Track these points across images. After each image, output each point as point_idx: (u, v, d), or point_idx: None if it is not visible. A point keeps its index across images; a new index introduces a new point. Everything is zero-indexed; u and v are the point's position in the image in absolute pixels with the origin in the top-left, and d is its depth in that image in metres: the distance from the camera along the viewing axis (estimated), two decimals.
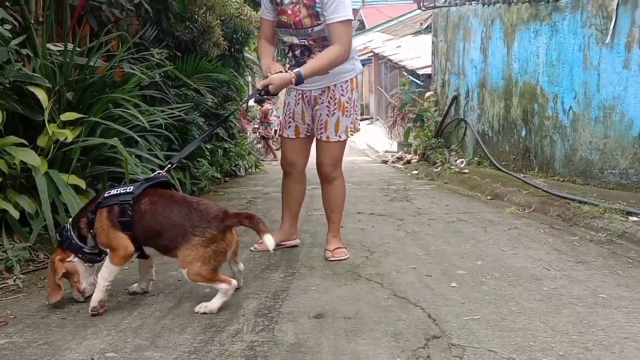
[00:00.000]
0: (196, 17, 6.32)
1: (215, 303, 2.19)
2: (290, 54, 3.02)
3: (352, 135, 3.09)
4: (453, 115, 8.37)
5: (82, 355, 1.81)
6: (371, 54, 19.19)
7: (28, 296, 2.40)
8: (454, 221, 4.07)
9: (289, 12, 2.81)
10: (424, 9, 10.24)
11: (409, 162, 9.60)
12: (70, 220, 2.31)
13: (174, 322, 2.10)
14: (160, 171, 2.56)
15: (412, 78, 11.49)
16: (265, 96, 2.96)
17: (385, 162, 10.71)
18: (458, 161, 7.62)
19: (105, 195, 2.23)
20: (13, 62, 2.98)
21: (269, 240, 2.17)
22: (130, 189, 2.22)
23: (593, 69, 4.79)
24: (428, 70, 10.13)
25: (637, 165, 4.31)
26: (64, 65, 3.25)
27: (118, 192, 2.22)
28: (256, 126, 14.70)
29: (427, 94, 9.36)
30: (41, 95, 3.05)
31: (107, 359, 1.78)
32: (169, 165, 2.57)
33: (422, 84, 10.83)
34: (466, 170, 6.76)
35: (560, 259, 2.95)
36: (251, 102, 13.32)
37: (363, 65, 3.05)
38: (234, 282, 2.23)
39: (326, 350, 1.84)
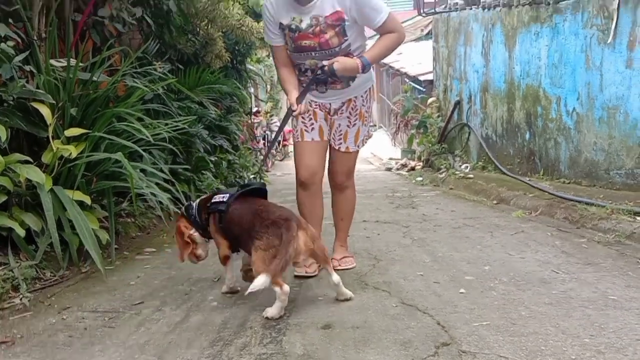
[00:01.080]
0: (198, 29, 6.37)
1: (274, 310, 2.24)
2: (306, 74, 2.80)
3: (366, 144, 3.05)
4: (456, 121, 8.36)
5: None
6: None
7: (35, 315, 2.40)
8: (460, 227, 4.04)
9: (311, 35, 2.64)
10: (424, 15, 10.30)
11: (413, 168, 9.58)
12: (197, 201, 2.65)
13: (181, 336, 2.09)
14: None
15: (414, 84, 11.49)
16: (328, 77, 2.68)
17: (389, 169, 10.69)
18: (462, 166, 7.60)
19: (213, 200, 2.55)
20: (17, 78, 2.99)
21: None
22: (225, 197, 2.50)
23: (595, 70, 4.77)
24: (430, 76, 10.13)
25: None
26: (68, 80, 3.27)
27: (218, 199, 2.52)
28: (261, 137, 14.72)
29: (430, 100, 9.36)
30: (45, 111, 3.06)
31: None
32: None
33: (424, 90, 10.83)
34: (471, 175, 6.74)
35: (569, 262, 2.92)
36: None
37: None
38: (286, 287, 2.22)
39: None
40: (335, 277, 2.39)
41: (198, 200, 2.68)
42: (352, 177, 3.07)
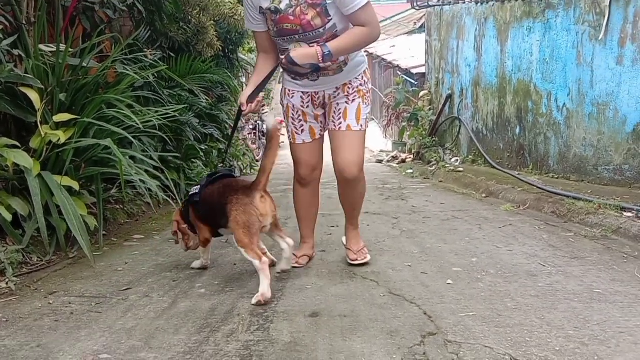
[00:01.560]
0: (190, 17, 6.31)
1: (263, 287, 2.27)
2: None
3: (367, 127, 2.79)
4: (447, 114, 8.38)
5: (76, 357, 1.79)
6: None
7: (21, 299, 2.38)
8: (449, 219, 4.06)
9: (291, 17, 2.49)
10: (417, 8, 10.27)
11: (403, 161, 9.60)
12: (189, 197, 2.72)
13: (169, 322, 2.08)
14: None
15: (406, 77, 11.49)
16: (291, 67, 2.58)
17: (380, 161, 10.72)
18: (453, 159, 7.63)
19: (190, 193, 2.69)
20: (4, 62, 2.96)
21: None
22: (197, 188, 2.64)
23: (587, 66, 4.80)
24: (422, 69, 10.13)
25: (631, 161, 4.32)
26: (57, 66, 3.23)
27: (193, 192, 2.66)
28: (252, 127, 14.67)
29: (422, 93, 9.37)
30: (33, 96, 3.03)
31: None
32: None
33: (416, 83, 10.84)
34: (461, 169, 6.77)
35: (556, 255, 2.95)
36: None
37: None
38: (265, 259, 2.34)
39: (322, 348, 1.83)
40: (289, 241, 2.56)
41: (190, 194, 2.74)
42: (363, 170, 2.78)
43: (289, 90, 2.79)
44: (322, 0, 2.45)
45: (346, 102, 2.71)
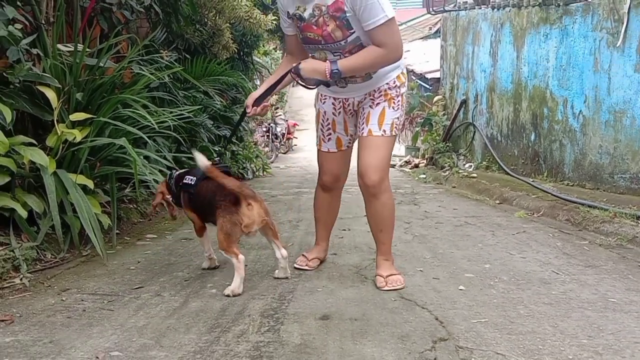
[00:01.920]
0: (206, 20, 6.36)
1: (233, 284, 2.42)
2: None
3: (395, 134, 2.61)
4: (461, 120, 8.34)
5: (87, 354, 1.80)
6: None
7: (34, 295, 2.41)
8: (461, 225, 4.04)
9: (314, 27, 2.42)
10: (433, 12, 10.26)
11: (416, 166, 9.57)
12: (177, 173, 2.80)
13: (180, 322, 2.09)
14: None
15: (420, 82, 11.47)
16: (294, 77, 2.54)
17: (392, 166, 10.69)
18: (466, 165, 7.59)
19: (184, 181, 2.70)
20: (23, 61, 2.99)
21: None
22: (193, 180, 2.66)
23: (604, 73, 4.75)
24: (437, 74, 10.11)
25: None
26: (74, 65, 3.27)
27: (188, 181, 2.68)
28: (265, 129, 14.73)
29: (436, 98, 9.34)
30: (51, 95, 3.07)
31: (112, 358, 1.78)
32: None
33: (430, 88, 10.81)
34: (474, 175, 6.73)
35: (570, 263, 2.92)
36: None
37: None
38: (242, 257, 2.43)
39: (332, 351, 1.82)
40: (283, 252, 2.60)
41: (177, 173, 2.83)
42: (387, 178, 2.60)
43: (322, 96, 2.75)
44: (342, 12, 2.35)
45: (370, 107, 2.60)
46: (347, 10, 2.33)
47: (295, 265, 2.84)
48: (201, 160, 2.46)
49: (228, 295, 2.38)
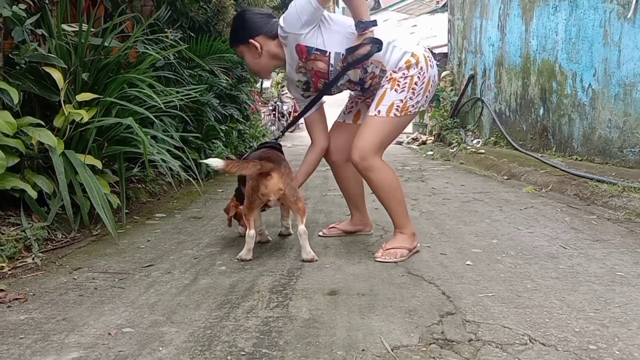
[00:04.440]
0: None
1: (243, 251, 2.60)
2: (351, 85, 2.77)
3: (397, 116, 2.55)
4: (469, 95, 8.27)
5: (100, 330, 1.84)
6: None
7: (46, 274, 2.44)
8: (469, 201, 4.04)
9: (313, 79, 2.68)
10: None
11: (424, 142, 9.53)
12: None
13: (190, 298, 2.12)
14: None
15: None
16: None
17: (400, 143, 10.64)
18: (474, 141, 7.55)
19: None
20: (29, 41, 2.99)
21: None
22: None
23: (614, 45, 4.68)
24: (444, 49, 9.99)
25: None
26: (79, 45, 3.26)
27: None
28: (271, 108, 14.68)
29: (443, 73, 9.25)
30: (57, 75, 3.07)
31: (123, 334, 1.81)
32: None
33: (438, 63, 10.69)
34: (482, 150, 6.70)
35: (578, 238, 2.91)
36: (266, 84, 13.24)
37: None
38: (252, 232, 2.56)
39: (340, 325, 1.84)
40: (301, 228, 2.54)
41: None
42: (371, 159, 2.55)
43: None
44: (305, 49, 2.54)
45: (374, 91, 2.67)
46: (301, 39, 2.50)
47: (320, 234, 3.07)
48: (214, 163, 2.39)
49: (237, 259, 2.58)
